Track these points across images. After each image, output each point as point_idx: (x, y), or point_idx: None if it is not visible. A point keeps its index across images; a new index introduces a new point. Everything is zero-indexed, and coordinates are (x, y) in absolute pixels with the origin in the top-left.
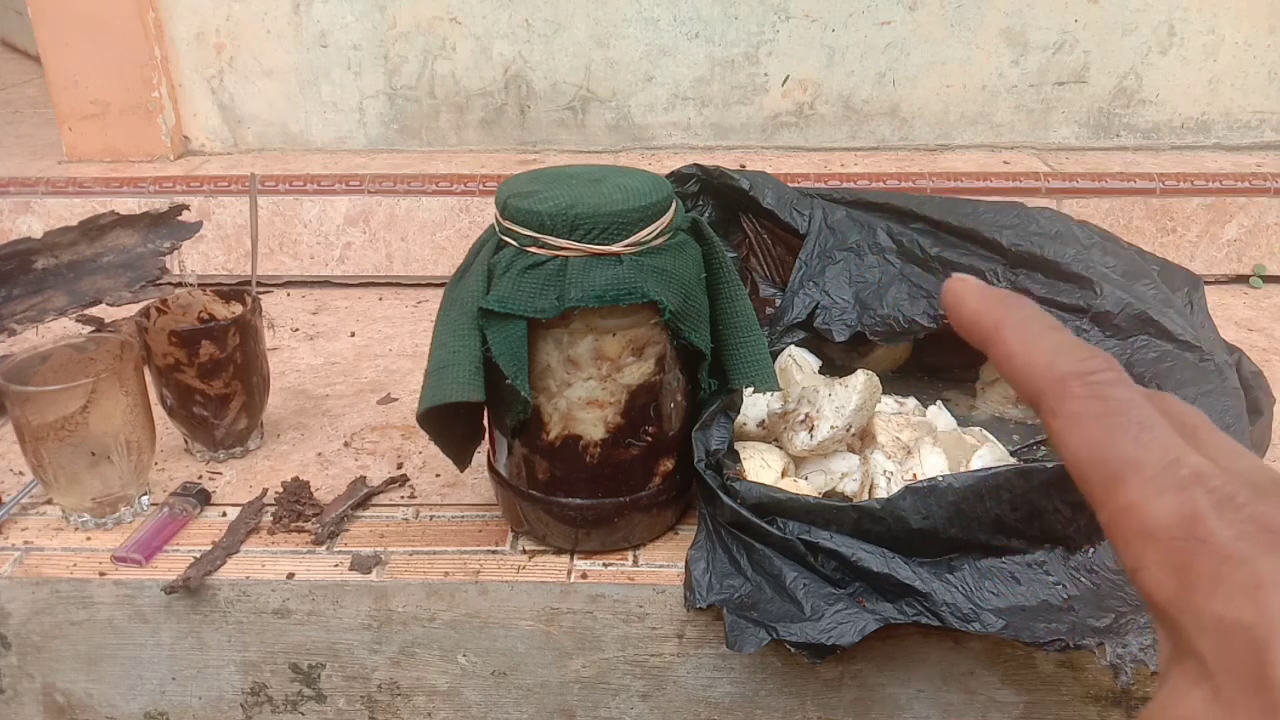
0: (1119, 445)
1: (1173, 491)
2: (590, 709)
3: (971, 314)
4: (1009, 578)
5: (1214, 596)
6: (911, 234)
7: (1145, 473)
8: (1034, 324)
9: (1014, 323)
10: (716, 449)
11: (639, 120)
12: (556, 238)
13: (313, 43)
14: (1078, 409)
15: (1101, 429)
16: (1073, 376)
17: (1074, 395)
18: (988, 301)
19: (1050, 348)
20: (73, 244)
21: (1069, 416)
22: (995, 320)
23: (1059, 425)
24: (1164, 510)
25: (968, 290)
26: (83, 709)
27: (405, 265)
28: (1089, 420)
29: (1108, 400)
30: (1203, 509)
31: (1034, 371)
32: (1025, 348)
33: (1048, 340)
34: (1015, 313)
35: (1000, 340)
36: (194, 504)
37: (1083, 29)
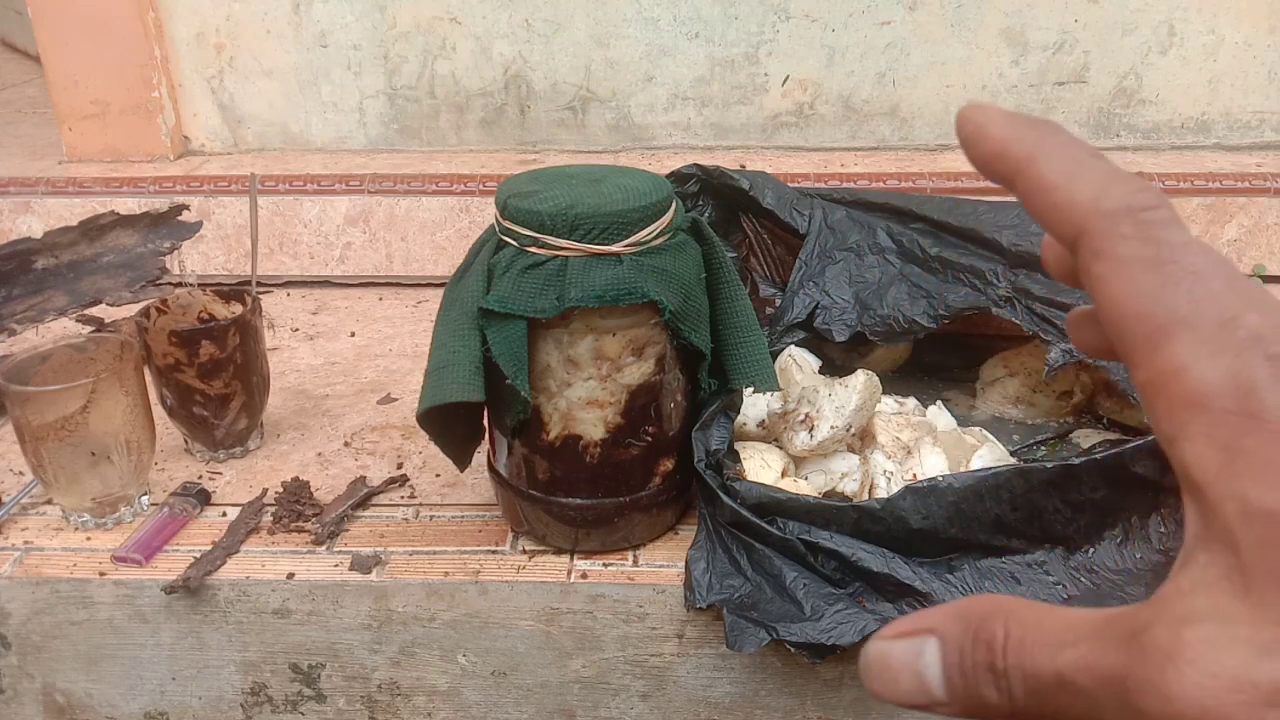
0: (1170, 297)
1: (1228, 355)
2: (590, 709)
3: (997, 144)
4: (1009, 578)
5: (1264, 484)
6: (911, 234)
7: (1198, 331)
8: (1074, 149)
9: (1051, 149)
10: (716, 449)
11: (639, 120)
12: (556, 238)
13: (313, 43)
14: (1126, 252)
15: (1152, 277)
16: (1123, 213)
17: (1123, 235)
18: (1017, 127)
19: (1097, 178)
20: (73, 244)
21: (1116, 260)
22: (1028, 149)
23: (1102, 269)
24: (1216, 375)
25: (989, 117)
26: (83, 709)
27: (405, 265)
28: (1138, 265)
29: (1161, 244)
30: (1260, 379)
31: (1076, 206)
32: (1067, 178)
33: (1093, 170)
34: (1051, 137)
35: (1034, 172)
36: (194, 504)
37: (1083, 29)
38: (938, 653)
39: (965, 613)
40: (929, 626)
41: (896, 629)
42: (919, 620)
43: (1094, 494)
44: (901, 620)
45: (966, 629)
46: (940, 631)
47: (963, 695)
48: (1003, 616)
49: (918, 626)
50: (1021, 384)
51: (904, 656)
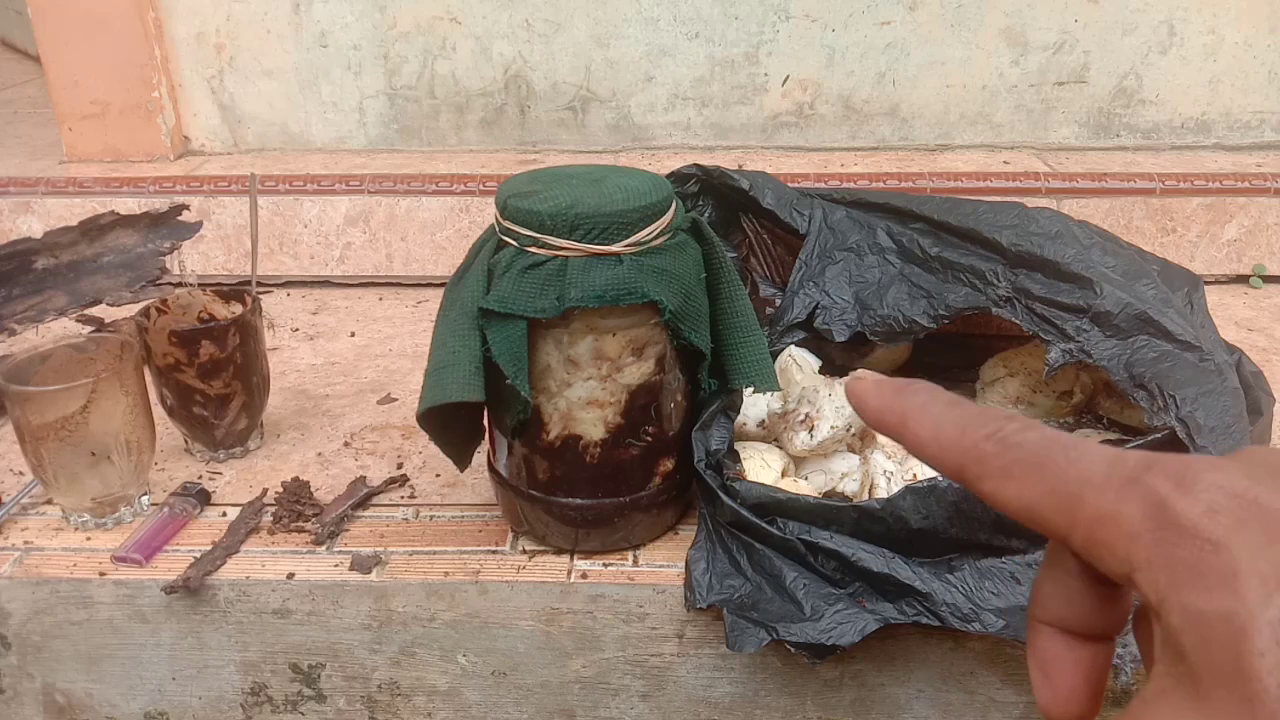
0: (1056, 472)
1: (1129, 485)
2: (590, 709)
3: (875, 412)
4: (1009, 578)
5: (1195, 589)
6: (911, 234)
7: (1095, 481)
8: (934, 405)
9: (915, 410)
10: (716, 449)
11: (639, 120)
12: (556, 238)
13: (313, 43)
14: (1000, 463)
15: (1031, 468)
16: (982, 439)
17: (991, 453)
18: (885, 397)
19: (955, 420)
20: (73, 244)
21: (996, 473)
22: (899, 414)
23: (991, 486)
24: (1130, 508)
25: (865, 390)
26: (83, 709)
27: (405, 265)
28: (1016, 468)
29: (1023, 443)
30: (1165, 493)
31: (948, 448)
32: (933, 431)
33: (951, 415)
34: (913, 400)
35: (910, 431)
36: (194, 504)
37: (1083, 29)
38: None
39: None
40: None
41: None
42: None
43: None
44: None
45: None
46: None
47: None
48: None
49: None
50: (1021, 384)
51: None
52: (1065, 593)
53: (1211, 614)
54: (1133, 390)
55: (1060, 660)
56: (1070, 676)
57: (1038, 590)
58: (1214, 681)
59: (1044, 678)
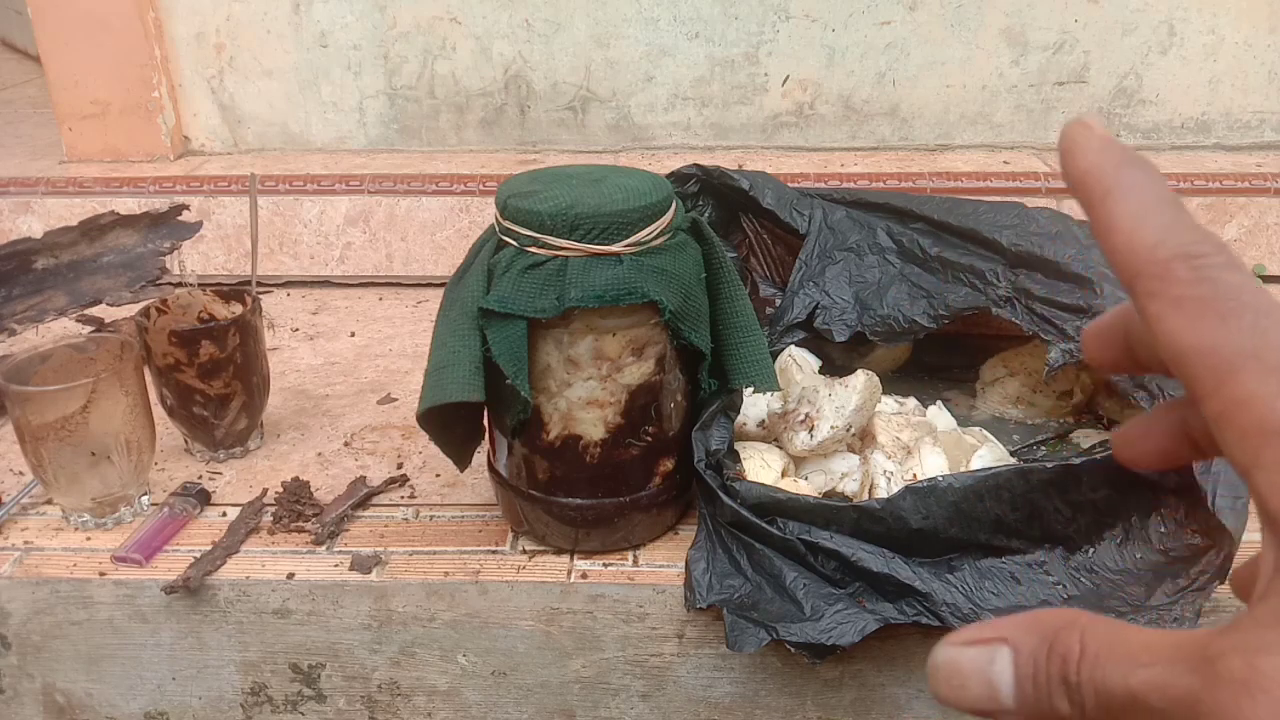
0: (1233, 331)
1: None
2: (590, 709)
3: (1083, 171)
4: (1009, 578)
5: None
6: (911, 234)
7: (1266, 361)
8: (1147, 193)
9: (1127, 189)
10: (716, 449)
11: (639, 120)
12: (556, 238)
13: (313, 43)
14: (1182, 292)
15: (1211, 313)
16: (1178, 258)
17: (1178, 278)
18: (1106, 158)
19: (1160, 226)
20: (73, 244)
21: (1172, 300)
22: (1107, 184)
23: (1158, 309)
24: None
25: (1087, 140)
26: (83, 709)
27: (405, 265)
28: (1196, 304)
29: (1217, 284)
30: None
31: (1135, 250)
32: (1132, 222)
33: (1158, 217)
34: (1130, 179)
35: (1106, 209)
36: (194, 504)
37: (1083, 29)
38: (1010, 661)
39: (1040, 624)
40: (1001, 635)
41: (966, 636)
42: (990, 629)
43: (1094, 494)
44: (971, 627)
45: (1042, 640)
46: (1013, 641)
47: (1033, 705)
48: (1079, 630)
49: (990, 635)
50: (1021, 384)
51: (975, 663)
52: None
53: None
54: (1133, 390)
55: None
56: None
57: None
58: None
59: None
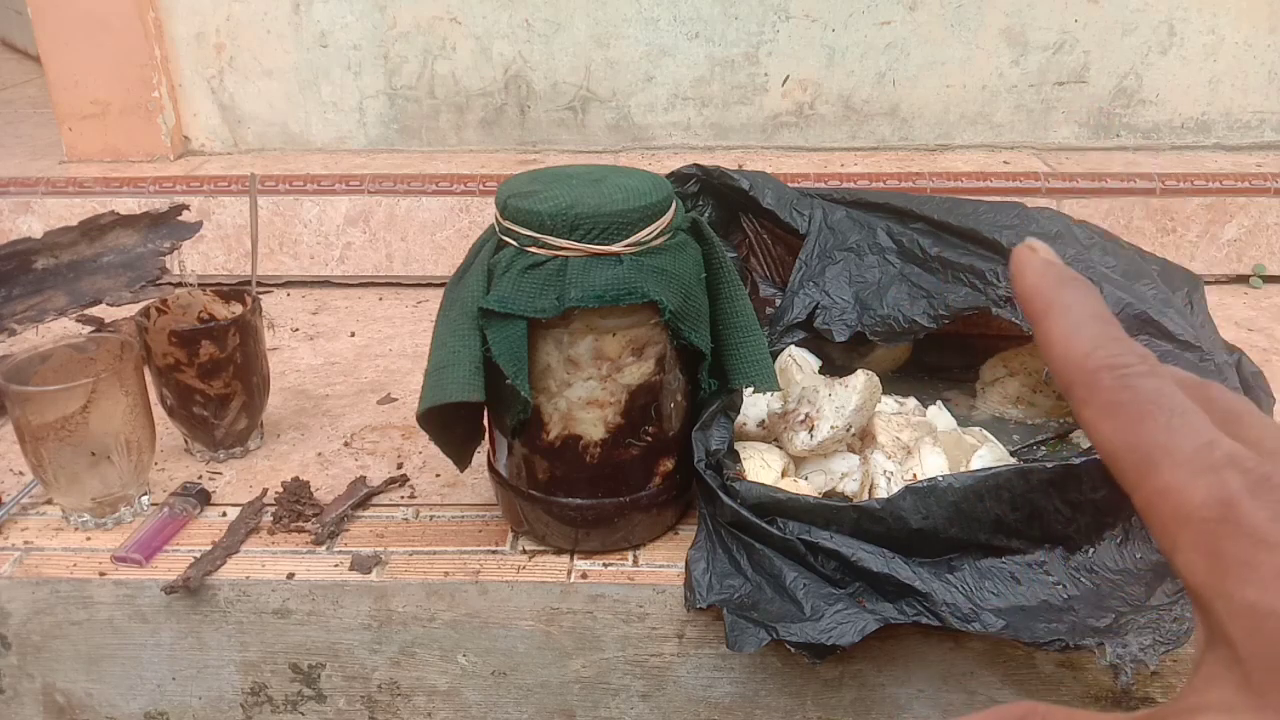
0: (1150, 431)
1: (1206, 474)
2: (590, 709)
3: (1027, 289)
4: (1009, 578)
5: (1246, 582)
6: (911, 234)
7: (1178, 456)
8: (1080, 311)
9: (1063, 308)
10: (716, 449)
11: (639, 120)
12: (556, 238)
13: (313, 43)
14: (1107, 398)
15: (1131, 416)
16: (1104, 368)
17: (1104, 385)
18: (1045, 280)
19: (1089, 338)
20: (73, 244)
21: (1100, 406)
22: (1046, 303)
23: (1090, 415)
24: (1198, 493)
25: (1030, 263)
26: (83, 709)
27: (405, 265)
28: (1119, 408)
29: (1137, 390)
30: (1236, 491)
31: (1069, 361)
32: (1065, 337)
33: (1088, 330)
34: (1067, 298)
35: (1045, 325)
36: (194, 504)
37: (1083, 29)
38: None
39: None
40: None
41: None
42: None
43: (1094, 494)
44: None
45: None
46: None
47: None
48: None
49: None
50: (1021, 384)
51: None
52: None
53: (1264, 609)
54: None
55: None
56: None
57: None
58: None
59: None
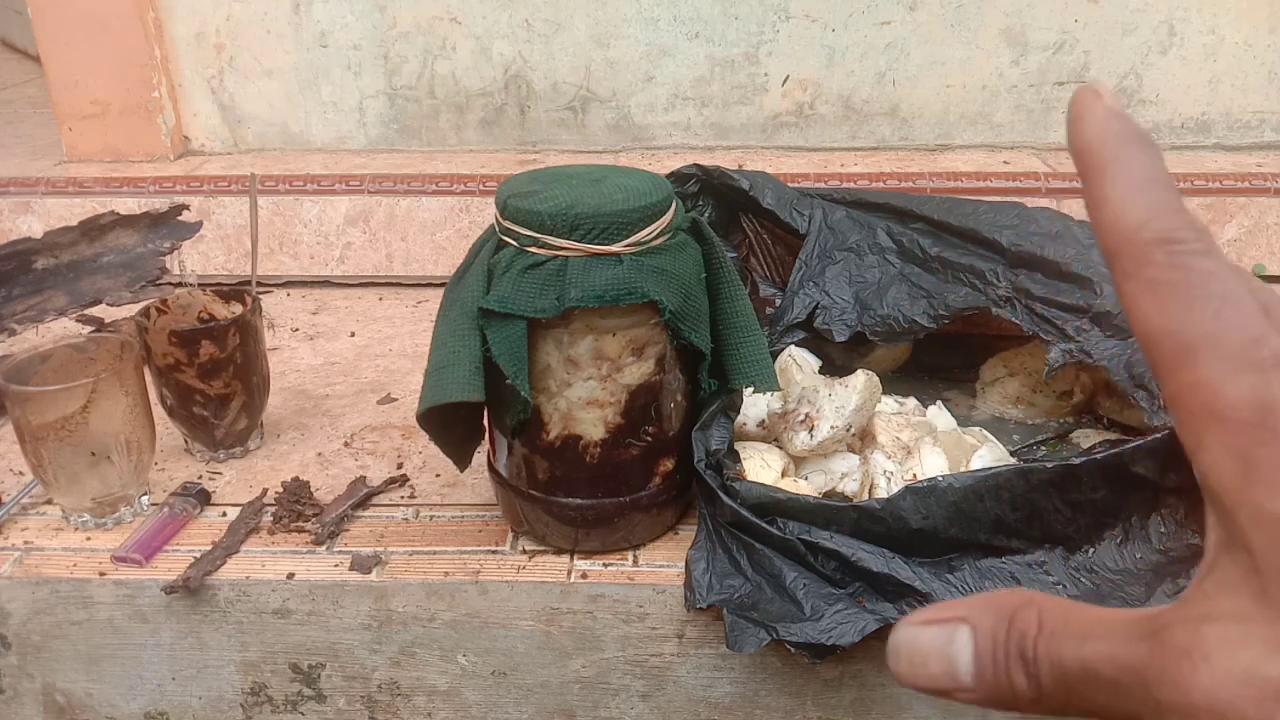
0: (1196, 316)
1: (1250, 372)
2: (590, 709)
3: (1086, 143)
4: (1009, 578)
5: (1274, 492)
6: (911, 234)
7: (1222, 348)
8: (1142, 175)
9: (1124, 166)
10: (716, 449)
11: (639, 120)
12: (556, 238)
13: (313, 43)
14: (1156, 275)
15: (1179, 298)
16: (1157, 242)
17: (1154, 261)
18: (1109, 128)
19: (1146, 207)
20: (73, 244)
21: (1146, 281)
22: (1106, 158)
23: (1132, 289)
24: (1237, 391)
25: (1093, 110)
26: (83, 709)
27: (405, 265)
28: (1166, 288)
29: (1190, 270)
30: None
31: (1119, 228)
32: (1121, 200)
33: (1147, 198)
34: (1128, 157)
35: (1099, 183)
36: (194, 504)
37: (1083, 29)
38: (969, 639)
39: (998, 603)
40: (960, 615)
41: (926, 615)
42: (949, 608)
43: (1094, 494)
44: (930, 608)
45: (1000, 618)
46: (972, 620)
47: (990, 682)
48: (1036, 608)
49: (949, 614)
50: (1021, 384)
51: (934, 642)
52: None
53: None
54: (1133, 390)
55: None
56: None
57: None
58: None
59: None
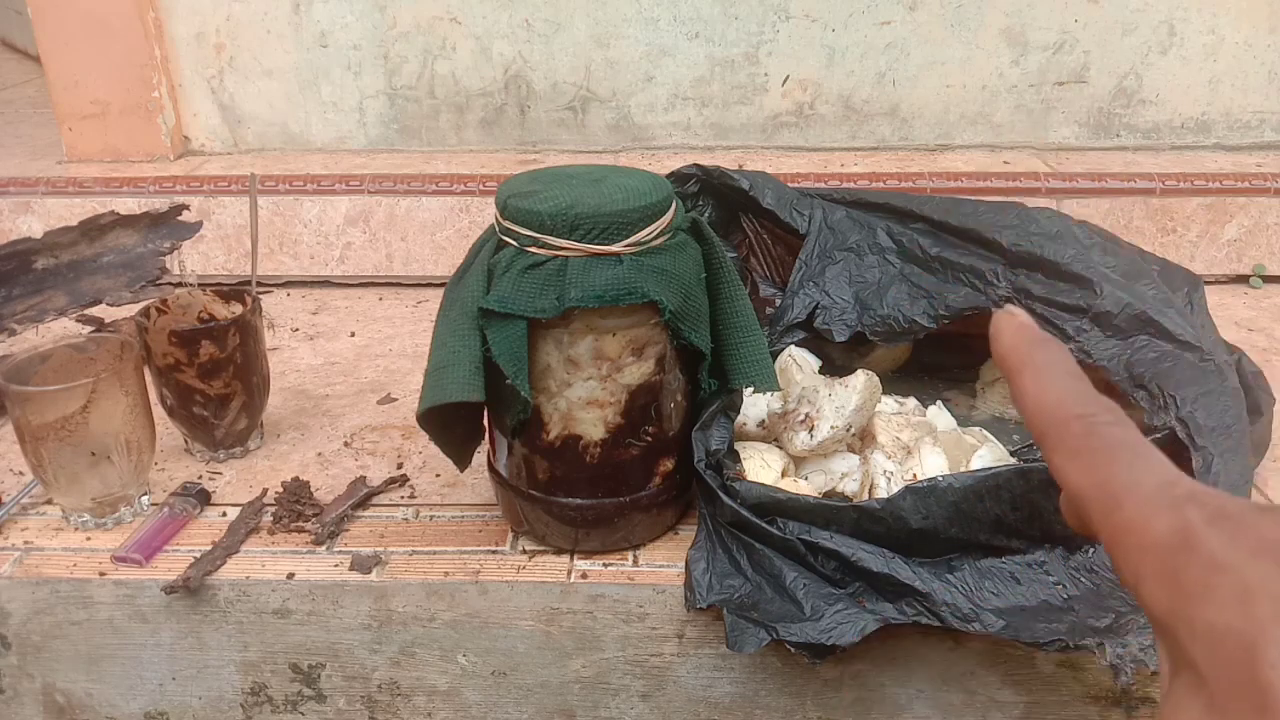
0: (1116, 471)
1: (1168, 508)
2: (590, 709)
3: (1004, 348)
4: (1009, 578)
5: (1205, 604)
6: (911, 234)
7: (1141, 493)
8: (1053, 369)
9: (1035, 366)
10: (716, 449)
11: (639, 120)
12: (556, 238)
13: (313, 43)
14: (1076, 444)
15: (1099, 459)
16: (1074, 417)
17: (1073, 433)
18: (1020, 340)
19: (1059, 390)
20: (73, 244)
21: (1069, 450)
22: (1021, 362)
23: (1059, 460)
24: (1160, 525)
25: (1007, 327)
26: (83, 709)
27: (405, 265)
28: (1088, 452)
29: (1105, 435)
30: (1195, 522)
31: (1042, 411)
32: (1038, 390)
33: (1060, 385)
34: (1040, 357)
35: (1020, 381)
36: (194, 504)
37: (1083, 29)
38: None
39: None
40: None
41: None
42: None
43: None
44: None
45: None
46: None
47: None
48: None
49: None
50: None
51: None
52: None
53: (1222, 628)
54: (1133, 390)
55: None
56: None
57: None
58: (1227, 691)
59: None
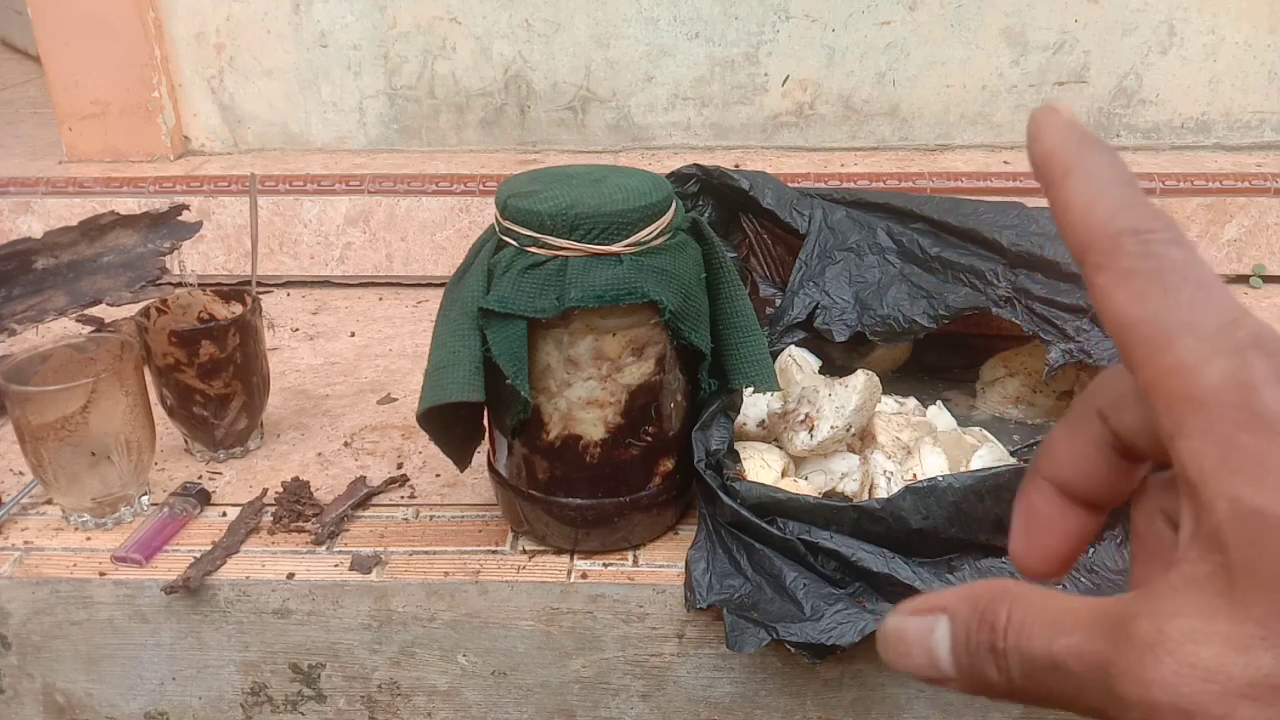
0: (1171, 303)
1: (1227, 354)
2: (590, 709)
3: (1047, 153)
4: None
5: (1257, 483)
6: (911, 234)
7: (1198, 332)
8: (1105, 174)
9: (1084, 171)
10: (716, 449)
11: (639, 120)
12: (556, 238)
13: (313, 43)
14: (1129, 265)
15: (1154, 285)
16: (1127, 233)
17: (1126, 251)
18: (1067, 141)
19: (1112, 202)
20: (73, 244)
21: (1119, 273)
22: (1067, 164)
23: (1105, 280)
24: (1215, 374)
25: (1051, 123)
26: (83, 709)
27: (405, 265)
28: (1140, 276)
29: (1162, 259)
30: (1259, 377)
31: (1088, 226)
32: (1087, 200)
33: (1112, 195)
34: (1090, 160)
35: (1064, 187)
36: (194, 504)
37: (1083, 29)
38: (947, 631)
39: (975, 594)
40: (942, 605)
41: (913, 605)
42: (934, 599)
43: None
44: (918, 598)
45: (974, 610)
46: (951, 610)
47: (967, 672)
48: (1008, 600)
49: (932, 604)
50: (1021, 384)
51: (917, 632)
52: (1079, 454)
53: (1269, 514)
54: None
55: (1049, 519)
56: (1053, 536)
57: (1050, 446)
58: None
59: (1027, 530)
